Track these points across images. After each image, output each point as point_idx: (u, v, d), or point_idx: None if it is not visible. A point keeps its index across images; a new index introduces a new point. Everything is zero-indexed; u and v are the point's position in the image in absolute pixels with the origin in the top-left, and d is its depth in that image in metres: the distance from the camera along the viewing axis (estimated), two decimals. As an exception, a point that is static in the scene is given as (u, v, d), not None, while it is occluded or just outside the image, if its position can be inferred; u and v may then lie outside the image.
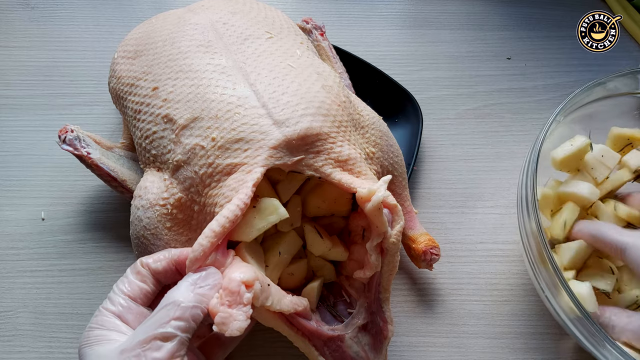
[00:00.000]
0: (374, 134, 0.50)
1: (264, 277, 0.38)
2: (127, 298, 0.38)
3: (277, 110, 0.43)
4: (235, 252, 0.40)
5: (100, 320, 0.37)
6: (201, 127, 0.43)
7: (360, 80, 0.65)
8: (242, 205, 0.38)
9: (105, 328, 0.36)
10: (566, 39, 0.75)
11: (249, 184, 0.40)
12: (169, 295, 0.36)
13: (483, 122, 0.69)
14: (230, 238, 0.40)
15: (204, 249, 0.37)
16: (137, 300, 0.38)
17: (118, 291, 0.38)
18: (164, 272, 0.39)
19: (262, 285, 0.37)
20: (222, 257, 0.38)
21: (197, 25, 0.51)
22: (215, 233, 0.37)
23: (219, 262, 0.38)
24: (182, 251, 0.40)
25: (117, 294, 0.38)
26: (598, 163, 0.57)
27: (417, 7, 0.79)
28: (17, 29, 0.74)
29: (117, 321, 0.37)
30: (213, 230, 0.37)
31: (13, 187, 0.63)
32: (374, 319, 0.45)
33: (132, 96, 0.50)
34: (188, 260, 0.37)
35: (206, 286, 0.36)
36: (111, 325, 0.36)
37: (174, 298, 0.35)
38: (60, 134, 0.53)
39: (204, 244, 0.37)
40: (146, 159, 0.48)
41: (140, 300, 0.38)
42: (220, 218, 0.38)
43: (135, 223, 0.46)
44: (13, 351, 0.54)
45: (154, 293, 0.39)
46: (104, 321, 0.36)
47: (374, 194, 0.40)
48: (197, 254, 0.37)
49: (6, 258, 0.59)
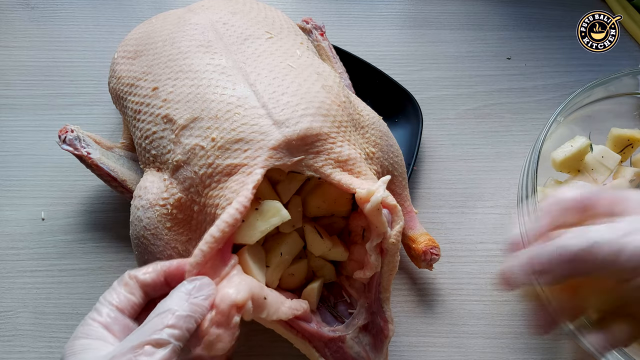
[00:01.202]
0: (374, 134, 0.50)
1: (261, 289, 0.38)
2: (115, 309, 0.37)
3: (277, 110, 0.43)
4: (238, 255, 0.40)
5: (87, 330, 0.36)
6: (201, 127, 0.43)
7: (360, 80, 0.65)
8: (241, 209, 0.38)
9: (91, 337, 0.35)
10: (566, 39, 0.75)
11: (249, 186, 0.40)
12: (162, 304, 0.35)
13: (483, 122, 0.69)
14: (233, 241, 0.40)
15: (205, 254, 0.37)
16: (124, 312, 0.37)
17: (105, 302, 0.37)
18: (153, 284, 0.38)
19: (257, 301, 0.37)
20: (221, 262, 0.38)
21: (197, 25, 0.51)
22: (215, 238, 0.37)
23: (218, 268, 0.38)
24: (172, 263, 0.39)
25: (105, 304, 0.37)
26: (598, 164, 0.57)
27: (417, 7, 0.79)
28: (17, 29, 0.74)
29: (104, 331, 0.36)
30: (213, 236, 0.37)
31: (13, 187, 0.63)
32: (374, 318, 0.45)
33: (132, 96, 0.50)
34: (189, 264, 0.37)
35: (200, 297, 0.35)
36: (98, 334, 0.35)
37: (169, 306, 0.35)
38: (60, 134, 0.53)
39: (204, 250, 0.37)
40: (146, 159, 0.48)
41: (127, 312, 0.37)
42: (220, 223, 0.37)
43: (135, 223, 0.46)
44: (13, 351, 0.54)
45: (141, 306, 0.38)
46: (90, 331, 0.36)
47: (373, 195, 0.39)
48: (198, 259, 0.37)
49: (6, 258, 0.59)
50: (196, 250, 0.37)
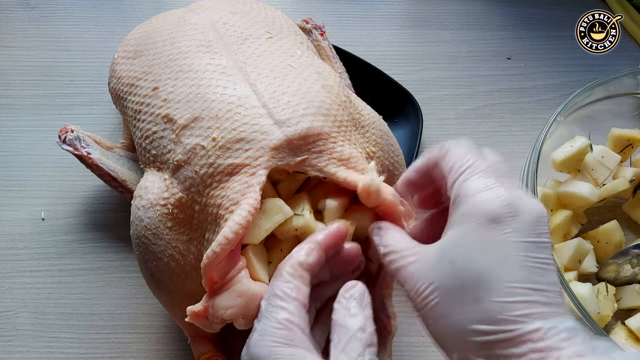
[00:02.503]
0: (375, 133, 0.50)
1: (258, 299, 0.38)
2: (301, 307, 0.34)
3: (278, 110, 0.43)
4: (242, 254, 0.40)
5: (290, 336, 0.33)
6: (201, 127, 0.43)
7: (360, 80, 0.65)
8: (252, 210, 0.38)
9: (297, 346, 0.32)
10: (566, 39, 0.75)
11: (255, 187, 0.40)
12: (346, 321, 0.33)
13: (483, 122, 0.69)
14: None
15: (218, 255, 0.37)
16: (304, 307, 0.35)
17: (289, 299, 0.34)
18: (317, 264, 0.36)
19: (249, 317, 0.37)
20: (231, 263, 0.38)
21: (197, 25, 0.51)
22: (228, 240, 0.37)
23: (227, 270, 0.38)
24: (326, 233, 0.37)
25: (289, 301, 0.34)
26: (598, 164, 0.57)
27: (417, 7, 0.79)
28: (17, 29, 0.74)
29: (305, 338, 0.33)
30: (226, 237, 0.37)
31: (13, 187, 0.63)
32: (377, 315, 0.45)
33: (132, 96, 0.50)
34: (203, 265, 0.37)
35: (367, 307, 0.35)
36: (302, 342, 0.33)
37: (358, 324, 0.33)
38: (60, 134, 0.53)
39: (218, 251, 0.37)
40: (146, 159, 0.48)
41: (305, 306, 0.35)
42: (233, 225, 0.38)
43: (136, 223, 0.46)
44: (13, 351, 0.54)
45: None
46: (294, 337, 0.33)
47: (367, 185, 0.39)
48: (211, 260, 0.37)
49: (6, 258, 0.59)
50: (209, 251, 0.37)
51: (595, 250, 0.57)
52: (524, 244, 0.31)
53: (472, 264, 0.31)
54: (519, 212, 0.32)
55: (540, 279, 0.31)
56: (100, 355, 0.54)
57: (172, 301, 0.48)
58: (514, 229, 0.31)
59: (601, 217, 0.61)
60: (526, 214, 0.32)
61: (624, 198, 0.62)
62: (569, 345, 0.29)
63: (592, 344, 0.29)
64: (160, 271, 0.45)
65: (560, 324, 0.30)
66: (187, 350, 0.53)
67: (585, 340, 0.29)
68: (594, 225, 0.60)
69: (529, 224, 0.32)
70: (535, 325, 0.29)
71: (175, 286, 0.45)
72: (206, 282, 0.38)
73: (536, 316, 0.30)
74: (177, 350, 0.55)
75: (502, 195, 0.32)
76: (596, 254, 0.57)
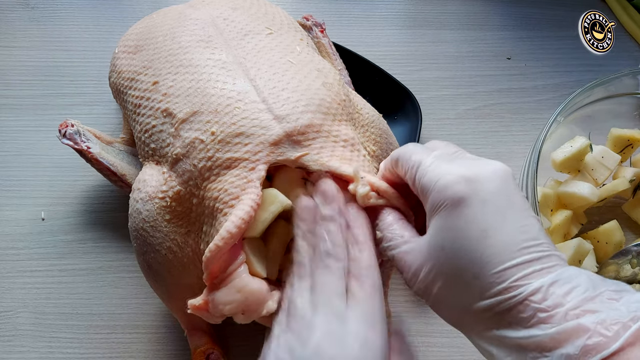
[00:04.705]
0: (374, 132, 0.50)
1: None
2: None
3: (278, 105, 0.43)
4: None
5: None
6: (201, 121, 0.43)
7: (360, 78, 0.65)
8: (254, 205, 0.39)
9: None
10: (566, 39, 0.75)
11: (256, 183, 0.40)
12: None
13: (483, 122, 0.69)
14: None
15: (220, 249, 0.37)
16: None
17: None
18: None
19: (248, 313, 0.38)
20: (232, 257, 0.38)
21: (197, 20, 0.51)
22: (231, 234, 0.37)
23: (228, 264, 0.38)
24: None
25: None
26: (598, 164, 0.57)
27: (417, 7, 0.79)
28: (17, 29, 0.74)
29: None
30: (229, 232, 0.37)
31: (13, 187, 0.63)
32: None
33: (133, 90, 0.50)
34: (205, 259, 0.37)
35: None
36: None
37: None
38: (61, 128, 0.53)
39: (220, 245, 0.37)
40: (145, 152, 0.48)
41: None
42: (236, 219, 0.38)
43: (134, 215, 0.46)
44: (13, 351, 0.54)
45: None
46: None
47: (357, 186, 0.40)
48: (214, 254, 0.37)
49: (6, 258, 0.59)
50: (211, 245, 0.37)
51: (595, 250, 0.57)
52: (498, 211, 0.32)
53: (459, 246, 0.32)
54: (479, 184, 0.33)
55: (526, 236, 0.31)
56: (100, 355, 0.54)
57: (169, 293, 0.48)
58: (481, 201, 0.32)
59: (601, 217, 0.61)
60: (487, 182, 0.33)
61: (624, 198, 0.62)
62: (572, 299, 0.29)
63: (597, 290, 0.29)
64: (158, 263, 0.45)
65: (560, 276, 0.30)
66: (187, 350, 0.53)
67: (588, 289, 0.29)
68: (594, 225, 0.60)
69: (494, 191, 0.32)
70: (535, 285, 0.30)
71: (173, 278, 0.46)
72: (207, 276, 0.38)
73: (534, 275, 0.30)
74: (177, 350, 0.55)
75: (455, 177, 0.33)
76: (596, 254, 0.57)
